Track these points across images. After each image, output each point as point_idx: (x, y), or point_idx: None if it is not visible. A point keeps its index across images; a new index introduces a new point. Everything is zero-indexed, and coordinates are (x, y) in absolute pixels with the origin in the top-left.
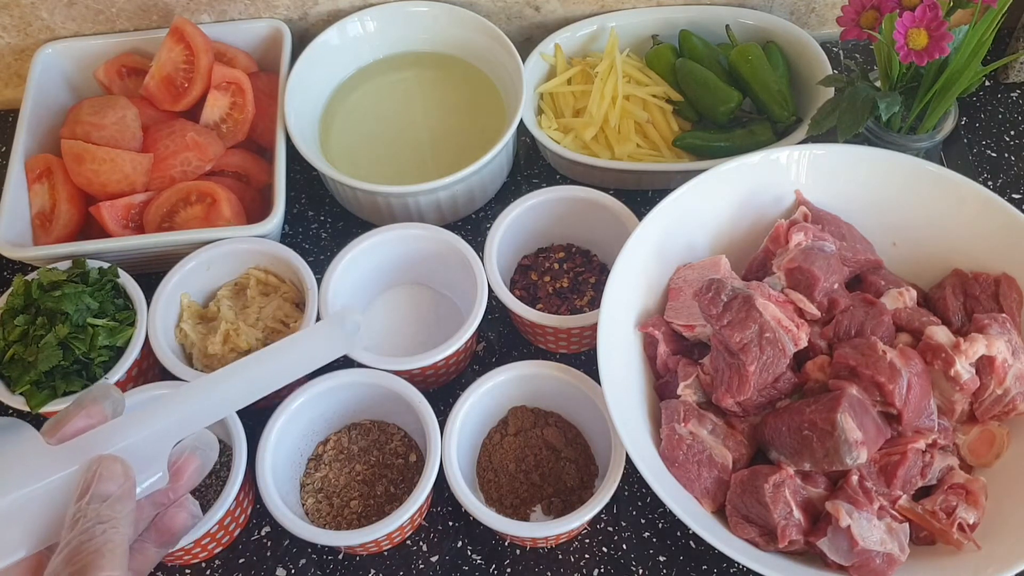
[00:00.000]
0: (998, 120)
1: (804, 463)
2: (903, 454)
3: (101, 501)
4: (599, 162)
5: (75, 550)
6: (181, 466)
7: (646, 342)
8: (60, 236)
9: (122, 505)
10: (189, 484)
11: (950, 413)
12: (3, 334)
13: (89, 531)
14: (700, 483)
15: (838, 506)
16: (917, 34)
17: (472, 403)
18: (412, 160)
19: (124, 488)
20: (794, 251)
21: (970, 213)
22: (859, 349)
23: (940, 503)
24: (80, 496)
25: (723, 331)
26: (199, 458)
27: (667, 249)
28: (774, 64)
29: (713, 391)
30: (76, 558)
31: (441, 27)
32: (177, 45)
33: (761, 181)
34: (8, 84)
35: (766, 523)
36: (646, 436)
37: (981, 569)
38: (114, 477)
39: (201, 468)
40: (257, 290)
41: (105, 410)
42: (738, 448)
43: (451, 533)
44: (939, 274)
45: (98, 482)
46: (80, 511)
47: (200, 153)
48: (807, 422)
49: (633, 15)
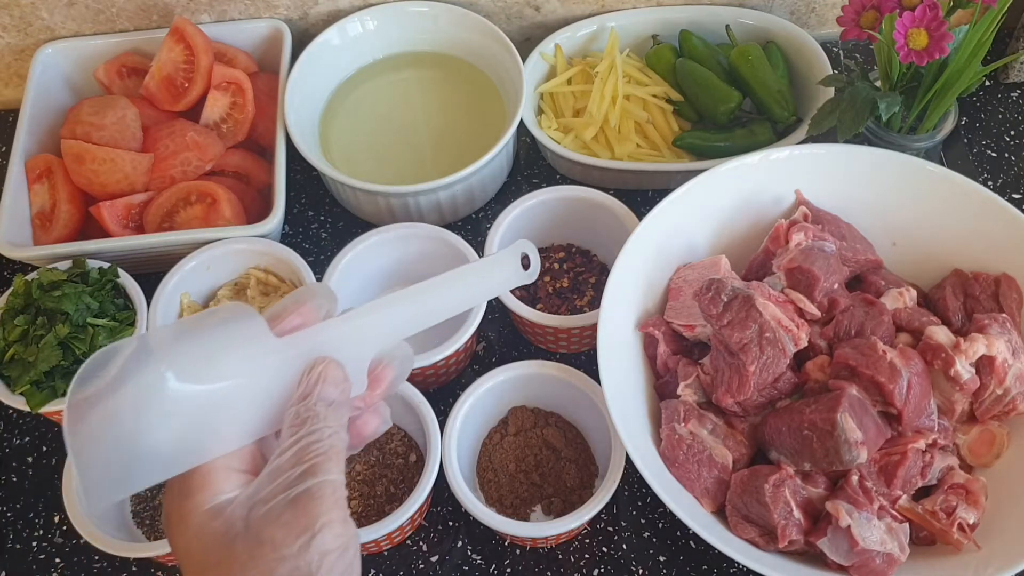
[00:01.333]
0: (998, 120)
1: (804, 463)
2: (903, 454)
3: (326, 405)
4: (599, 162)
5: (304, 449)
6: (379, 374)
7: (646, 342)
8: (60, 236)
9: (343, 412)
10: (384, 393)
11: (950, 413)
12: (3, 334)
13: (318, 432)
14: (700, 483)
15: (838, 506)
16: (917, 34)
17: (472, 403)
18: (412, 160)
19: (343, 394)
20: (794, 251)
21: (970, 213)
22: (859, 349)
23: (940, 503)
24: (304, 396)
25: (723, 331)
26: (396, 368)
27: (667, 249)
28: (774, 64)
29: (713, 391)
30: (306, 457)
31: (441, 27)
32: (177, 45)
33: (761, 181)
34: (8, 84)
35: (766, 523)
36: (646, 436)
37: (981, 569)
38: (336, 382)
39: (396, 378)
40: (257, 290)
41: (319, 310)
42: (738, 448)
43: (451, 533)
44: (939, 274)
45: (323, 384)
46: (309, 411)
47: (200, 153)
48: (807, 422)
49: (633, 15)
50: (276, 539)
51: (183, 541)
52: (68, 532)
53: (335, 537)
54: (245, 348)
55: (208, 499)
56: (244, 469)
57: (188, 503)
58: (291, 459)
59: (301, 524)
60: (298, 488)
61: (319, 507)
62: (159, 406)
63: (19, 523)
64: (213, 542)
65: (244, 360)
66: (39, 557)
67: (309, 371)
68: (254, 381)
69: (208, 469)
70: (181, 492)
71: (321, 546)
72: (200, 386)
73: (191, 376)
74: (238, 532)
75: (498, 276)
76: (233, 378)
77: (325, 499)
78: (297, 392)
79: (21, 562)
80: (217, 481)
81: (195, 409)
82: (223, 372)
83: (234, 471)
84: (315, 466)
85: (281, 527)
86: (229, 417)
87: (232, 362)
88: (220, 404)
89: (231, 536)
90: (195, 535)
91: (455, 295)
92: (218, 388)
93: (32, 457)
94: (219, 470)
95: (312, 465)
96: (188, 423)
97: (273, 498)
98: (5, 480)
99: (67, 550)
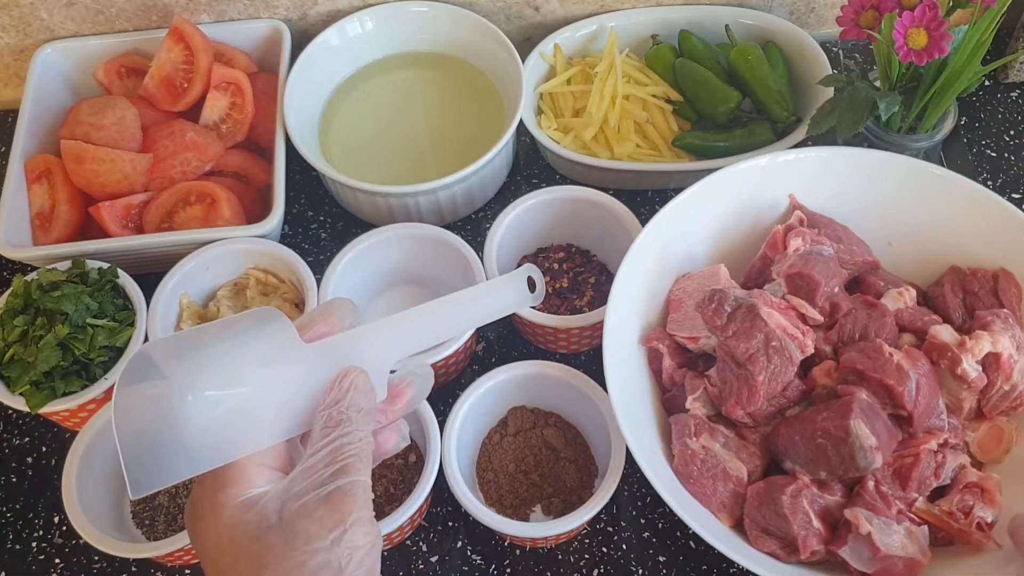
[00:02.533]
0: (998, 120)
1: (820, 471)
2: (916, 456)
3: (357, 411)
4: (599, 162)
5: (338, 449)
6: (401, 390)
7: (650, 356)
8: (60, 236)
9: (371, 419)
10: (404, 409)
11: (958, 411)
12: (3, 334)
13: (351, 435)
14: (716, 498)
15: (857, 513)
16: (917, 34)
17: (472, 403)
18: (412, 160)
19: (371, 403)
20: (793, 257)
21: (964, 209)
22: (865, 352)
23: (956, 503)
24: (336, 400)
25: (729, 342)
26: (417, 386)
27: (667, 258)
28: (774, 64)
29: (722, 403)
30: (339, 457)
31: (441, 27)
32: (176, 45)
33: (761, 184)
34: (8, 84)
35: (786, 534)
36: (658, 453)
37: (1002, 567)
38: (366, 392)
39: (417, 396)
40: (257, 290)
41: (343, 321)
42: (752, 460)
43: (451, 533)
44: (936, 272)
45: (354, 392)
46: (342, 414)
47: (200, 153)
48: (820, 430)
49: (633, 15)
50: (310, 532)
51: (214, 532)
52: (68, 532)
53: (364, 535)
54: (278, 353)
55: (242, 491)
56: (276, 467)
57: (222, 495)
58: (325, 458)
59: (334, 519)
60: (331, 485)
61: (352, 504)
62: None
63: (19, 523)
64: (245, 533)
65: (276, 364)
66: (39, 558)
67: (341, 379)
68: (285, 384)
69: (242, 464)
70: (215, 485)
71: (352, 541)
72: (236, 389)
73: (226, 379)
74: (271, 524)
75: (509, 296)
76: (265, 382)
77: (357, 497)
78: (329, 397)
79: (21, 562)
80: (251, 475)
81: (231, 408)
82: (256, 375)
83: (266, 467)
84: (348, 466)
85: (315, 521)
86: (262, 417)
87: (265, 366)
88: (254, 405)
89: (264, 528)
90: (227, 526)
91: (469, 313)
92: (252, 391)
93: (32, 457)
94: (253, 466)
95: (345, 464)
96: (225, 422)
97: (307, 493)
98: (5, 480)
99: (67, 550)
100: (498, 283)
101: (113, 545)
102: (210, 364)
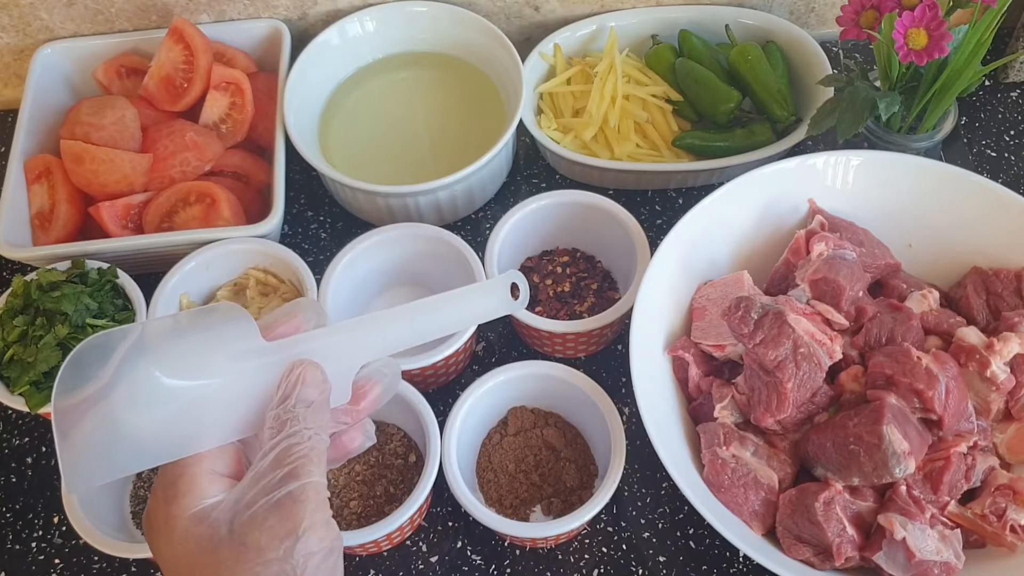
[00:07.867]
0: (998, 120)
1: (852, 478)
2: (947, 459)
3: (305, 406)
4: (599, 162)
5: (285, 452)
6: (366, 389)
7: (675, 365)
8: (59, 236)
9: (323, 413)
10: (369, 408)
11: (986, 413)
12: (2, 334)
13: (298, 435)
14: (748, 506)
15: (891, 519)
16: (917, 34)
17: (472, 403)
18: (412, 160)
19: (323, 395)
20: (817, 262)
21: (985, 209)
22: (893, 357)
23: (988, 506)
24: (283, 399)
25: (756, 349)
26: (382, 384)
27: (691, 265)
28: (774, 64)
29: (751, 411)
30: (286, 461)
31: (441, 27)
32: (176, 45)
33: (775, 192)
34: (7, 84)
35: (820, 542)
36: (688, 463)
37: None
38: (316, 383)
39: (383, 394)
40: (256, 290)
41: (308, 322)
42: (783, 467)
43: (451, 533)
44: (957, 273)
45: (302, 386)
46: (288, 413)
47: (199, 153)
48: (852, 436)
49: (633, 15)
50: (260, 544)
51: (168, 547)
52: (68, 533)
53: (319, 540)
54: (233, 348)
55: (193, 503)
56: (229, 473)
57: (173, 507)
58: (272, 462)
59: (285, 528)
60: (280, 492)
61: (302, 511)
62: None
63: (18, 524)
64: (198, 548)
65: (230, 359)
66: (39, 558)
67: (288, 374)
68: (238, 380)
69: (193, 474)
70: (166, 496)
71: (305, 549)
72: (186, 381)
73: (178, 371)
74: (222, 537)
75: (490, 302)
76: (218, 376)
77: (308, 502)
78: (276, 395)
79: (21, 563)
80: (202, 485)
81: (180, 403)
82: (209, 370)
83: (219, 475)
84: (296, 469)
85: (265, 531)
86: (212, 413)
87: (219, 361)
88: (204, 400)
89: (216, 541)
90: (180, 540)
91: (443, 318)
92: (202, 384)
93: (31, 458)
94: (205, 474)
95: (293, 468)
96: (173, 415)
97: (256, 502)
98: (5, 480)
99: (66, 551)
100: (480, 288)
101: (113, 545)
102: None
